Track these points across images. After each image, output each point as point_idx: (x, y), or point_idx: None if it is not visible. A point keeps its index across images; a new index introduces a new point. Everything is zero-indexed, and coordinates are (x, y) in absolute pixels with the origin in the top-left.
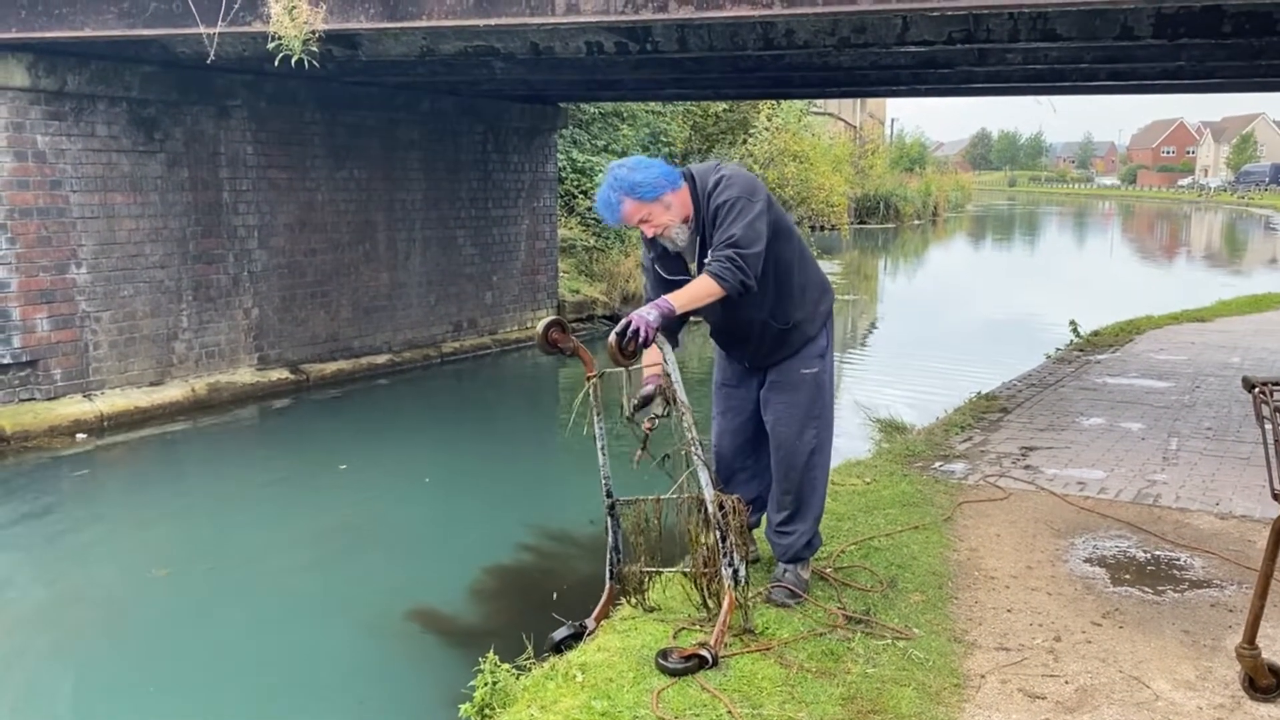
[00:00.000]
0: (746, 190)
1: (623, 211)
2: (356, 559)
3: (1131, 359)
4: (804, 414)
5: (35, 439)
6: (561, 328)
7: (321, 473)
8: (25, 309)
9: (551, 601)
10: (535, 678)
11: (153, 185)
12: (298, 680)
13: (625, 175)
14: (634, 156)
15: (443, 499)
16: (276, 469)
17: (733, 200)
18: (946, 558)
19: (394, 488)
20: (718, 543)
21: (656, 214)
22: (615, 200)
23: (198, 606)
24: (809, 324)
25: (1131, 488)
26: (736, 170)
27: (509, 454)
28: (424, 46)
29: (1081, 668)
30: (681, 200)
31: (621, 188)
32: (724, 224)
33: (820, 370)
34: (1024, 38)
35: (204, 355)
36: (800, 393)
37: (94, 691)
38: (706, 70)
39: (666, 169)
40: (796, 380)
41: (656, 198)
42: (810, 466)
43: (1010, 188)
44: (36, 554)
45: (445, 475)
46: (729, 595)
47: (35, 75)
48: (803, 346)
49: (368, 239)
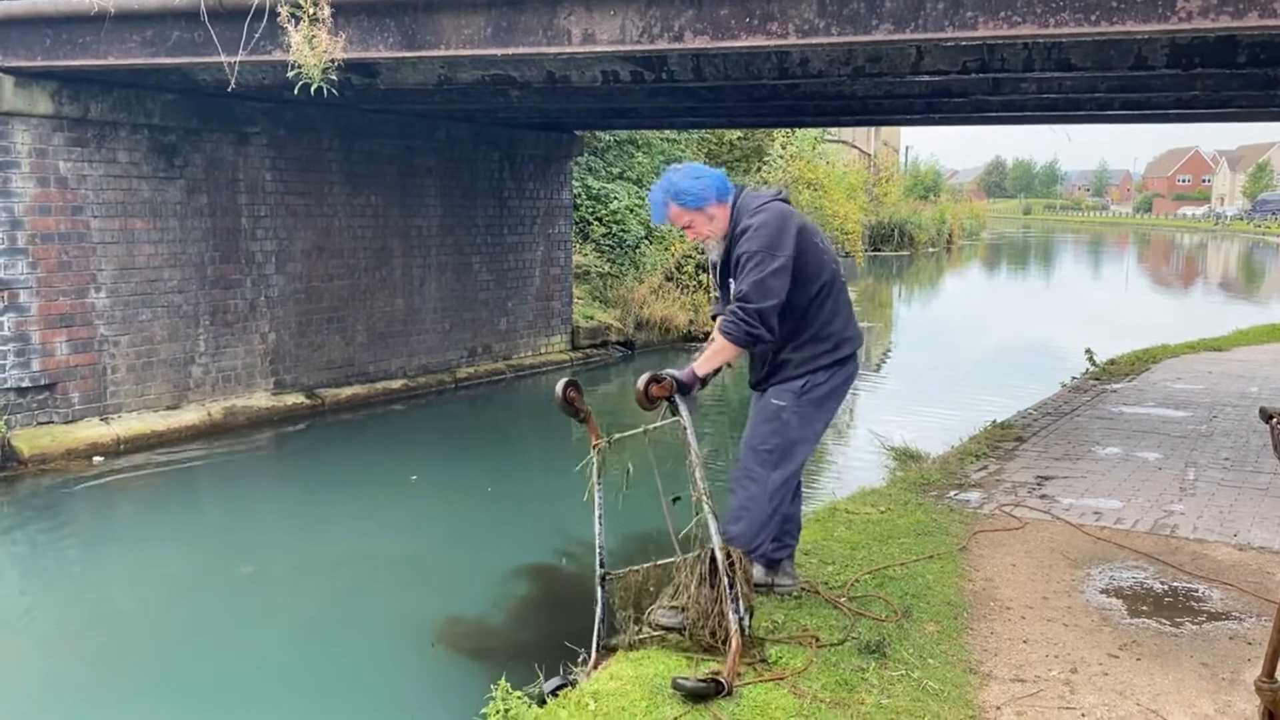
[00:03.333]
0: (768, 244)
1: (668, 214)
2: (373, 583)
3: (1148, 388)
4: (759, 439)
5: (53, 462)
6: (577, 389)
7: (338, 497)
8: (45, 333)
9: (564, 628)
10: (548, 706)
11: (172, 211)
12: (311, 703)
13: (675, 180)
14: (691, 164)
15: (459, 523)
16: (292, 493)
17: (750, 253)
18: (962, 588)
19: (411, 511)
20: (725, 590)
21: (699, 223)
22: (662, 202)
23: (212, 627)
24: (793, 367)
25: (1148, 518)
26: (771, 219)
27: (524, 479)
28: (441, 75)
29: (1098, 700)
30: (724, 217)
31: (670, 191)
32: (739, 272)
33: (787, 406)
34: (1038, 68)
35: (220, 380)
36: (761, 416)
37: (113, 708)
38: (721, 99)
39: (719, 182)
40: (765, 406)
41: (699, 208)
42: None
43: (1025, 215)
44: (54, 575)
45: (461, 499)
46: (735, 639)
47: (59, 103)
48: (781, 382)
49: (384, 265)
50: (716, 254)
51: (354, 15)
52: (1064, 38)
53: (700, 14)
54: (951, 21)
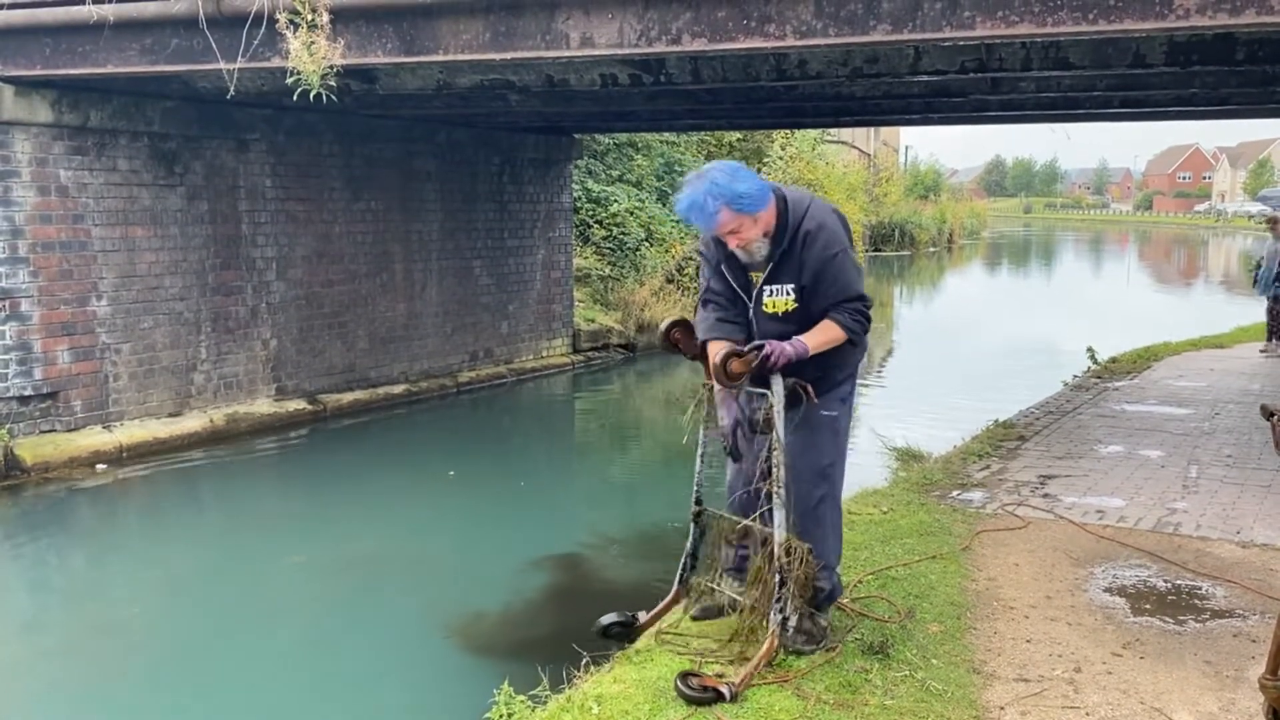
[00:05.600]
0: (845, 239)
1: (719, 221)
2: (384, 581)
3: (1150, 386)
4: (820, 453)
5: (56, 469)
6: (686, 328)
7: (345, 501)
8: (46, 341)
9: (568, 629)
10: (551, 710)
11: (172, 218)
12: (325, 699)
13: (728, 184)
14: (728, 162)
15: (464, 526)
16: (299, 498)
17: (840, 251)
18: (965, 587)
19: (419, 513)
20: (775, 587)
21: (747, 227)
22: (713, 209)
23: (222, 628)
24: (838, 370)
25: (1151, 516)
26: (830, 213)
27: (527, 481)
28: (440, 80)
29: (1102, 699)
30: (769, 218)
31: (724, 197)
32: (840, 275)
33: (840, 415)
34: (1037, 67)
35: (222, 386)
36: (816, 434)
37: (123, 710)
38: (720, 101)
39: (762, 183)
40: (814, 420)
41: (754, 211)
42: (818, 514)
43: (1026, 214)
44: (60, 583)
45: (465, 503)
46: (770, 640)
47: (59, 111)
48: (828, 390)
49: (385, 270)
50: (762, 252)
51: (352, 21)
52: (1062, 37)
53: (698, 16)
54: (949, 21)
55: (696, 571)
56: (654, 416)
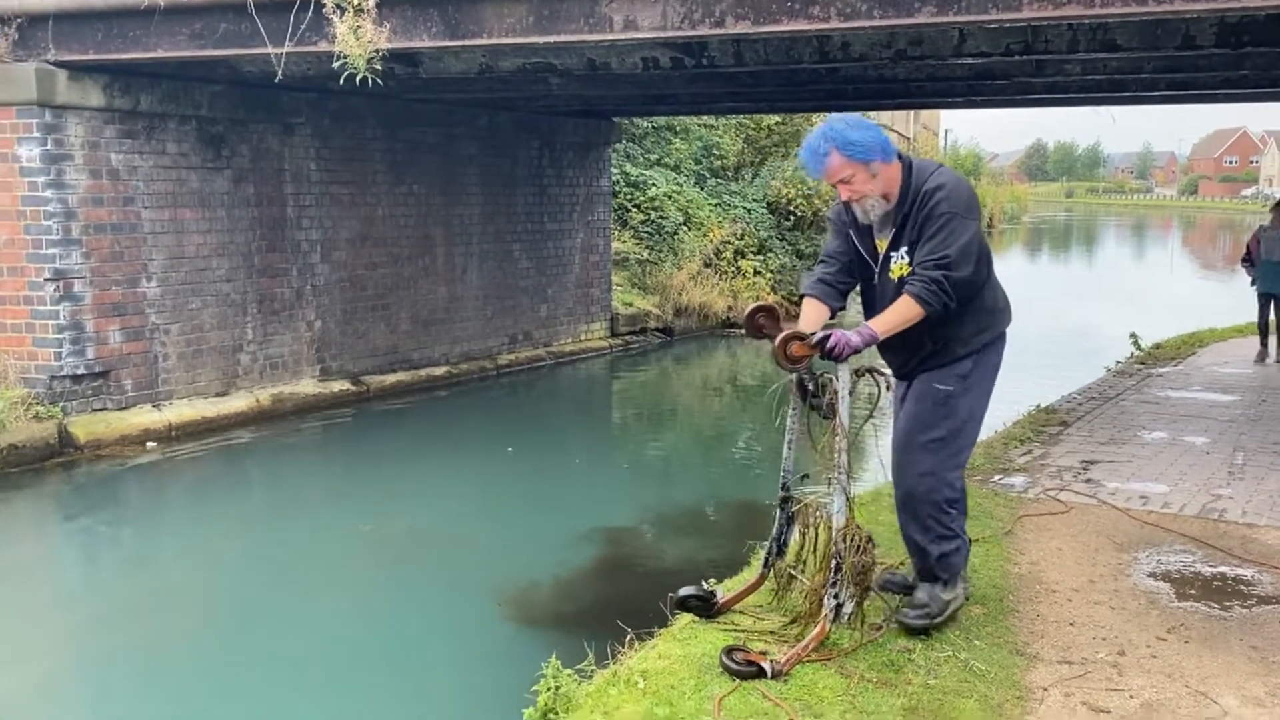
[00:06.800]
0: (965, 207)
1: (827, 164)
2: (429, 558)
3: (1195, 372)
4: (923, 428)
5: (107, 447)
6: (771, 314)
7: (391, 479)
8: (98, 321)
9: (611, 604)
10: (598, 684)
11: (220, 201)
12: (369, 673)
13: (841, 130)
14: (854, 115)
15: (511, 503)
16: (346, 475)
17: (951, 215)
18: (1007, 571)
19: (463, 492)
20: (831, 571)
21: (860, 178)
22: (824, 150)
23: (271, 600)
24: (959, 345)
25: (1196, 502)
26: (958, 180)
27: (572, 461)
28: (483, 63)
29: (1146, 682)
30: (889, 177)
31: (835, 140)
32: (937, 237)
33: (955, 391)
34: (1083, 48)
35: (268, 367)
36: (925, 405)
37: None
38: (761, 84)
39: (884, 139)
40: (926, 392)
41: (866, 161)
42: (923, 486)
43: (1067, 199)
44: (113, 555)
45: (513, 482)
46: (822, 624)
47: (110, 95)
48: (947, 364)
49: (426, 253)
50: (877, 212)
51: (397, 5)
52: (1110, 18)
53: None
54: (995, 3)
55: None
56: (692, 400)
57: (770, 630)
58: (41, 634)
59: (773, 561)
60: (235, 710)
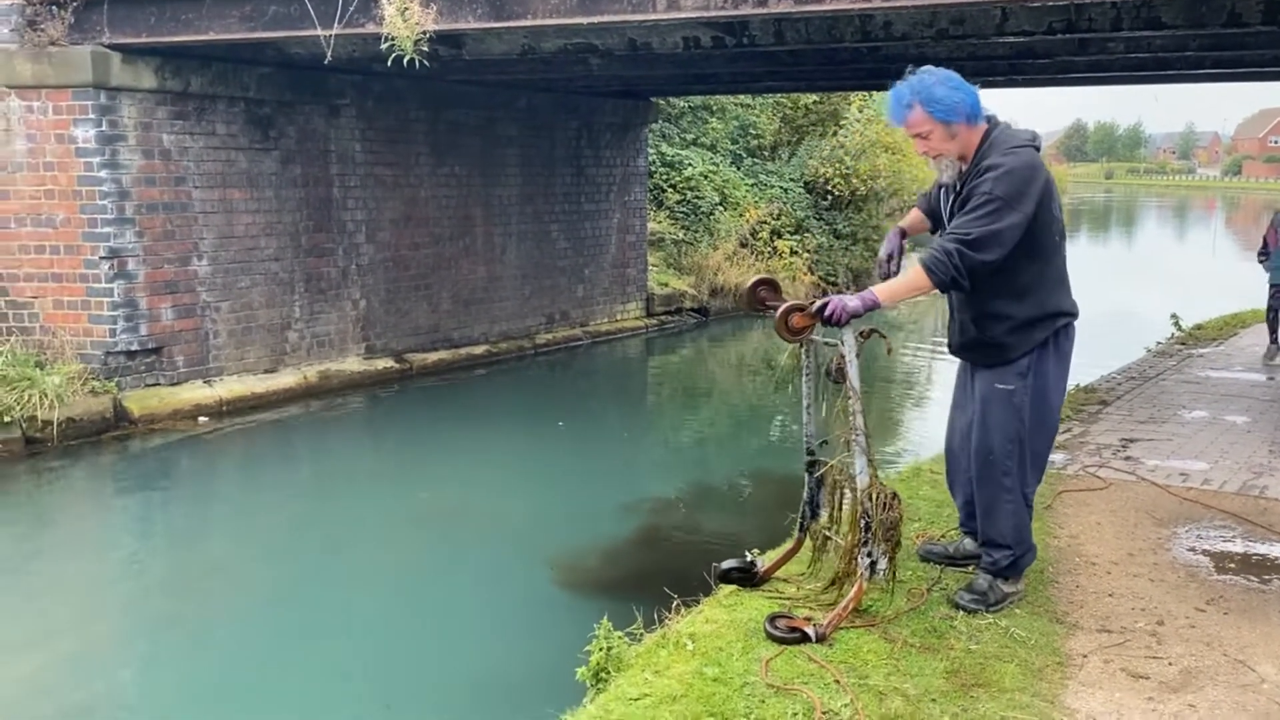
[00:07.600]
0: (1012, 194)
1: (908, 117)
2: (479, 528)
3: (1236, 353)
4: (990, 429)
5: (160, 421)
6: (773, 287)
7: (439, 452)
8: (151, 299)
9: (656, 572)
10: (648, 645)
11: (268, 181)
12: (425, 635)
13: (930, 84)
14: (949, 72)
15: (557, 476)
16: (392, 450)
17: (991, 197)
18: (1047, 544)
19: (510, 465)
20: (861, 530)
21: (938, 136)
22: (907, 101)
23: (322, 569)
24: (1010, 349)
25: (1236, 479)
26: (1024, 164)
27: (610, 438)
28: (525, 45)
29: (1185, 650)
30: (968, 140)
31: (919, 93)
32: (972, 214)
33: (1016, 390)
34: (1127, 26)
35: (315, 344)
36: (989, 406)
37: (232, 642)
38: (801, 63)
39: (974, 102)
40: (989, 394)
41: (946, 120)
42: (994, 487)
43: (1107, 180)
44: (168, 526)
45: (558, 457)
46: (859, 584)
47: (162, 77)
48: (1001, 364)
49: (467, 233)
50: (950, 176)
51: None
52: None
53: None
54: None
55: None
56: (728, 379)
57: (811, 595)
58: (99, 600)
59: (807, 525)
60: (292, 672)
